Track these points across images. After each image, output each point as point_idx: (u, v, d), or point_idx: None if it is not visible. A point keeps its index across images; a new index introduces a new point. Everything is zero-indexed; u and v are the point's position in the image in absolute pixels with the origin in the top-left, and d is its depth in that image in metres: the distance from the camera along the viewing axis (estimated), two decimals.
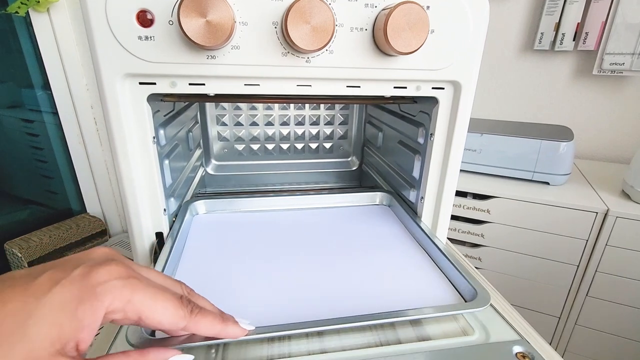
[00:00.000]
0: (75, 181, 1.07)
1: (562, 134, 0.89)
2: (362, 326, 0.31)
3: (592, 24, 0.99)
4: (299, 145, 0.71)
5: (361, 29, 0.34)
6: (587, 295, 0.84)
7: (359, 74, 0.36)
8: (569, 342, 0.91)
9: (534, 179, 0.89)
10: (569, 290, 0.86)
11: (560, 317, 0.90)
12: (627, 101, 1.07)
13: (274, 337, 0.30)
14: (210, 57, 0.33)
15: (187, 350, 0.30)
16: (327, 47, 0.34)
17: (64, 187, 1.11)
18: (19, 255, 0.89)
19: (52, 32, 0.87)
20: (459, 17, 0.35)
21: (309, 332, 0.31)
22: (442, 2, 0.35)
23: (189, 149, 0.58)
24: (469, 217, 0.91)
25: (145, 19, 0.30)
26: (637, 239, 0.76)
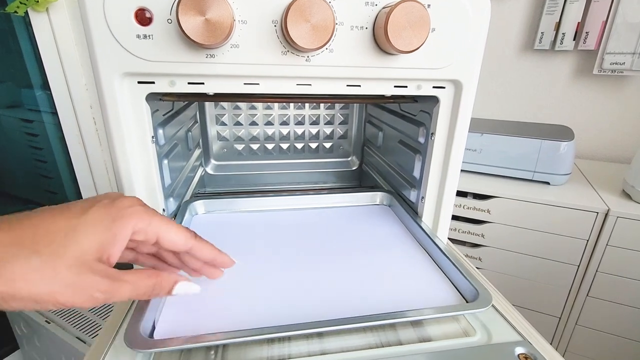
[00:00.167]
0: (74, 181, 1.07)
1: (563, 133, 0.89)
2: (362, 327, 0.31)
3: (593, 23, 0.99)
4: (299, 144, 0.71)
5: (361, 28, 0.34)
6: (587, 295, 0.84)
7: (359, 73, 0.36)
8: (570, 342, 0.90)
9: (534, 179, 0.89)
10: (570, 290, 0.86)
11: (560, 317, 0.90)
12: (628, 101, 1.07)
13: (273, 338, 0.30)
14: (209, 56, 0.32)
15: (187, 351, 0.30)
16: (327, 46, 0.34)
17: (63, 187, 1.11)
18: None
19: (51, 31, 0.87)
20: (460, 16, 0.35)
21: (309, 333, 0.30)
22: (443, 1, 0.34)
23: (188, 149, 0.58)
24: (469, 217, 0.91)
25: (143, 17, 0.30)
26: (637, 239, 0.76)
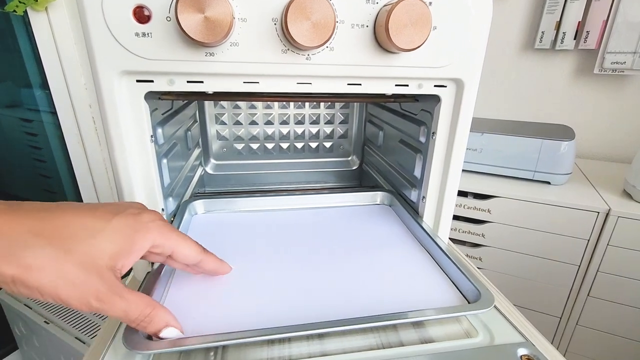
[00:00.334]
0: (73, 180, 1.06)
1: (563, 133, 0.88)
2: (363, 328, 0.31)
3: (593, 22, 0.98)
4: (299, 144, 0.70)
5: (362, 26, 0.34)
6: (588, 295, 0.84)
7: (360, 72, 0.36)
8: (570, 342, 0.90)
9: (535, 179, 0.89)
10: (570, 290, 0.86)
11: (561, 317, 0.90)
12: (628, 100, 1.06)
13: (273, 339, 0.30)
14: (208, 54, 0.32)
15: (187, 353, 0.30)
16: (327, 44, 0.33)
17: (63, 187, 1.10)
18: None
19: (51, 31, 0.86)
20: (462, 14, 0.35)
21: (310, 334, 0.30)
22: None
23: (188, 148, 0.57)
24: (469, 216, 0.90)
25: (142, 15, 0.30)
26: (638, 238, 0.75)
